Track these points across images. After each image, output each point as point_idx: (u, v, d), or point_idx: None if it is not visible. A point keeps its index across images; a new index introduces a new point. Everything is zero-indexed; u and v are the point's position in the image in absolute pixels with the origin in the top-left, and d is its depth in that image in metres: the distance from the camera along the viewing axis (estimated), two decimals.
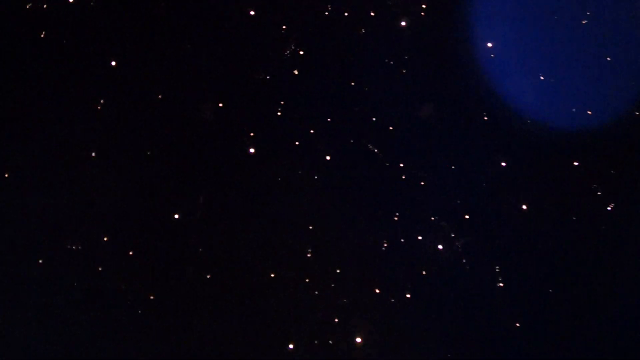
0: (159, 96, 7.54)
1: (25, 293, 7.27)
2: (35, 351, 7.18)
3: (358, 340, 7.12)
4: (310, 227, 7.35)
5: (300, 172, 7.43)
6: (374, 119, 7.43)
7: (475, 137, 7.35)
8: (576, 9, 7.30)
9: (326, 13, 7.51)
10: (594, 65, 7.27)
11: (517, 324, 7.00)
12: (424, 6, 7.47)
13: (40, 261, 7.31)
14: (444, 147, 7.35)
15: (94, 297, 7.28)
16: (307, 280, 7.23)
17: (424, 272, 7.17)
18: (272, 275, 7.28)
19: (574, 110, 7.27)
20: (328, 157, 7.40)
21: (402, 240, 7.24)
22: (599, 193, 7.17)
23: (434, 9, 7.44)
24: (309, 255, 7.27)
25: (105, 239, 7.36)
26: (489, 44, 7.39)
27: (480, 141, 7.36)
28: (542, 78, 7.36)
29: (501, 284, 7.03)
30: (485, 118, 7.40)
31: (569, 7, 7.30)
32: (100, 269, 7.31)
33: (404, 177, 7.34)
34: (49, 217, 7.39)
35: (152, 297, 7.26)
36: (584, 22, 7.28)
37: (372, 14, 7.49)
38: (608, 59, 7.28)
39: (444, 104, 7.41)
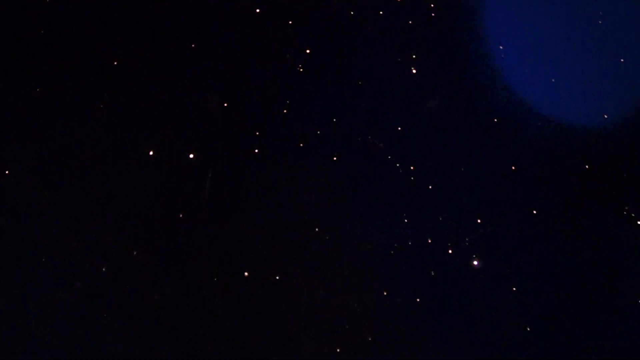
0: (163, 96, 7.47)
1: (28, 292, 7.19)
2: (39, 350, 7.10)
3: (366, 342, 7.03)
4: (317, 229, 7.26)
5: (306, 173, 7.35)
6: (381, 119, 7.36)
7: (485, 139, 7.28)
8: (590, 10, 7.23)
9: (333, 11, 7.44)
10: (607, 67, 7.21)
11: (528, 328, 6.93)
12: (432, 5, 7.40)
13: (43, 259, 7.22)
14: (453, 148, 7.27)
15: (97, 297, 7.19)
16: (313, 283, 7.15)
17: (432, 273, 7.09)
18: (277, 278, 7.19)
19: (586, 112, 7.20)
20: (335, 158, 7.31)
21: (410, 242, 7.16)
22: (612, 196, 7.10)
23: (444, 7, 7.37)
24: (315, 257, 7.18)
25: (109, 238, 7.27)
26: (500, 47, 7.32)
27: (490, 143, 7.28)
28: (553, 80, 7.30)
29: (514, 288, 6.95)
30: (495, 120, 7.33)
31: (582, 8, 7.23)
32: (103, 268, 7.23)
33: (412, 179, 7.26)
34: (53, 216, 7.30)
35: (156, 298, 7.18)
36: (600, 22, 7.20)
37: (380, 12, 7.42)
38: (622, 60, 7.22)
39: (453, 104, 7.34)
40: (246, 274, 7.13)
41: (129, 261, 7.22)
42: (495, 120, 7.30)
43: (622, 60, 7.22)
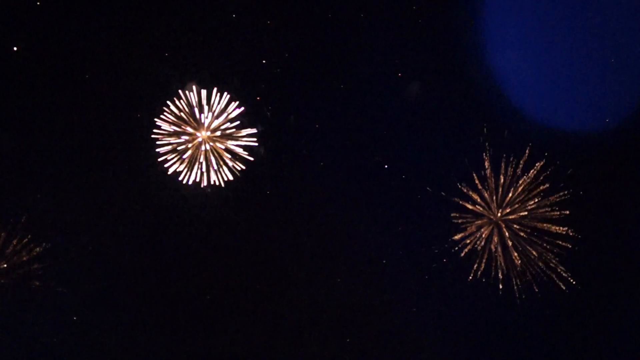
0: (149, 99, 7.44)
1: (31, 293, 7.12)
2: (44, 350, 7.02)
3: (361, 348, 6.93)
4: (306, 240, 7.17)
5: (298, 179, 7.27)
6: (371, 126, 7.28)
7: (479, 145, 7.18)
8: (588, 11, 7.17)
9: (322, 16, 7.36)
10: (606, 69, 7.15)
11: (526, 335, 6.78)
12: (423, 9, 7.33)
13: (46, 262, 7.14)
14: (447, 155, 7.21)
15: (107, 299, 7.15)
16: (308, 289, 7.06)
17: (426, 278, 6.99)
18: (273, 283, 7.11)
19: (585, 115, 7.16)
20: (322, 163, 7.20)
21: (404, 251, 7.07)
22: (610, 205, 7.02)
23: (436, 10, 7.31)
24: (309, 265, 7.10)
25: (114, 240, 7.21)
26: (499, 52, 7.28)
27: (485, 149, 7.18)
28: (546, 85, 7.24)
29: (514, 299, 6.81)
30: (484, 124, 7.26)
31: (580, 9, 7.18)
32: (111, 269, 7.17)
33: (408, 186, 7.18)
34: (61, 218, 7.26)
35: (157, 299, 7.13)
36: (595, 21, 7.15)
37: (361, 14, 7.34)
38: (612, 60, 7.15)
39: (444, 109, 7.28)
40: (241, 280, 7.08)
41: (128, 262, 7.17)
42: (486, 124, 7.21)
43: (618, 62, 7.15)
